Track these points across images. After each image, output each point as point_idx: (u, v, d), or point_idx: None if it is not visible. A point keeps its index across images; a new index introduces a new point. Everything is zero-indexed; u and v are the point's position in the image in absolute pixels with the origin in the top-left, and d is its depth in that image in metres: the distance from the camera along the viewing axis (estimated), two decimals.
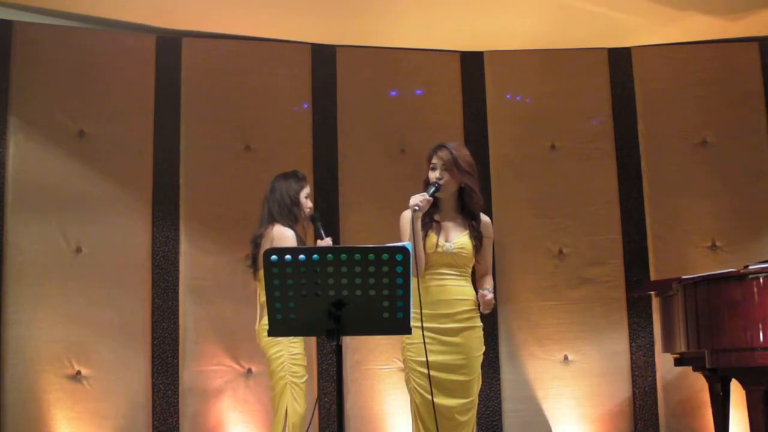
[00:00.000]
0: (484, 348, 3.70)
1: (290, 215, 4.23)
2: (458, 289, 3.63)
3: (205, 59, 5.83)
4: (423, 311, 3.53)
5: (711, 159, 5.99)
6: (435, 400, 3.51)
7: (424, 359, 3.50)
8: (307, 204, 4.33)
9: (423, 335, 3.49)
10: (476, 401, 3.68)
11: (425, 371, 3.51)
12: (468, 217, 3.71)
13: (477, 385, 3.67)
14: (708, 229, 5.89)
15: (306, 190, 4.34)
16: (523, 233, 5.90)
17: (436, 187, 3.61)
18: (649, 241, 5.92)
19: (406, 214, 3.65)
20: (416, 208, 3.53)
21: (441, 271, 3.62)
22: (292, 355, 4.08)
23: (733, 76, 6.08)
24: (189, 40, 5.84)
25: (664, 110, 6.06)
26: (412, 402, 3.63)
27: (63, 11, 5.59)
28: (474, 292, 3.67)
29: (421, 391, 3.57)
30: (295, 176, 4.35)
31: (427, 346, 3.48)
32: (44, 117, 5.48)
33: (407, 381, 3.65)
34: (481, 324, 3.69)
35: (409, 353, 3.60)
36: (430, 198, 3.59)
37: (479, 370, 3.67)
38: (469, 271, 3.72)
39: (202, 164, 5.72)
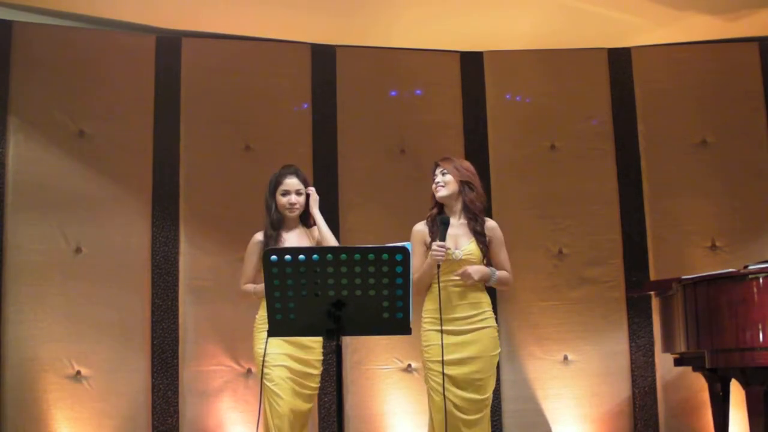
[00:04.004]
0: (499, 349, 3.87)
1: (268, 217, 4.12)
2: (472, 294, 3.81)
3: (205, 59, 5.83)
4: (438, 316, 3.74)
5: (711, 159, 5.99)
6: (451, 394, 3.68)
7: (439, 359, 3.70)
8: (288, 201, 4.07)
9: (441, 338, 3.67)
10: (490, 399, 3.82)
11: (440, 370, 3.70)
12: (473, 221, 3.85)
13: (491, 384, 3.82)
14: (708, 229, 5.89)
15: (282, 187, 4.08)
16: (523, 233, 5.89)
17: (445, 224, 3.70)
18: (649, 241, 5.92)
19: (418, 227, 3.90)
20: (440, 262, 3.69)
21: (453, 278, 3.78)
22: (268, 355, 3.91)
23: (733, 76, 6.07)
24: (189, 40, 5.83)
25: (664, 110, 6.06)
26: (430, 398, 3.82)
27: (63, 11, 5.59)
28: (487, 296, 3.86)
29: (439, 387, 3.71)
30: (274, 175, 4.14)
31: (444, 348, 3.68)
32: (44, 117, 5.48)
33: (426, 380, 3.86)
34: (495, 325, 3.86)
35: (426, 354, 3.82)
36: (445, 243, 3.70)
37: (494, 370, 3.83)
38: None
39: (202, 164, 5.72)
